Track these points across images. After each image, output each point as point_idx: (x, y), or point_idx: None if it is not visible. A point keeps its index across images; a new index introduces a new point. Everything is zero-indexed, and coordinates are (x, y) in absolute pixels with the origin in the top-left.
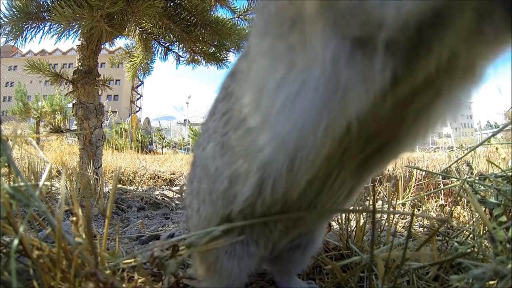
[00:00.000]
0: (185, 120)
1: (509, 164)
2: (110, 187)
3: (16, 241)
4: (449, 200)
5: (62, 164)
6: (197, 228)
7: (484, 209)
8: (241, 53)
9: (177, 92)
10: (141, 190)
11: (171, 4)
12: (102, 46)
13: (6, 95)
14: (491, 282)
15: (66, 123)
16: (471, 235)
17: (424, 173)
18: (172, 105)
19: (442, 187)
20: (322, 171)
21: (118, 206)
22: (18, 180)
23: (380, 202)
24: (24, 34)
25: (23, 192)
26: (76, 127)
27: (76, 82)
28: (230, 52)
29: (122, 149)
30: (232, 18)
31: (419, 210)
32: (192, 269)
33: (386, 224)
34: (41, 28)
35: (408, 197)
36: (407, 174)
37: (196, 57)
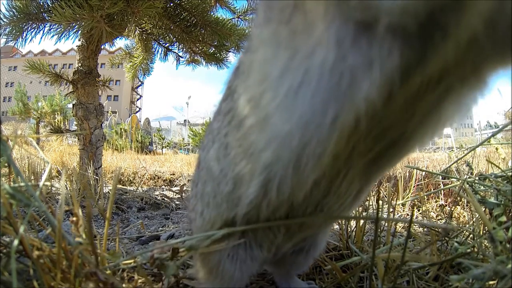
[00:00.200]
0: (185, 121)
1: (509, 164)
2: (110, 188)
3: (16, 241)
4: (449, 200)
5: (62, 165)
6: (200, 231)
7: (484, 209)
8: (243, 49)
9: (177, 93)
10: (141, 191)
11: (171, 5)
12: (102, 47)
13: (6, 96)
14: (491, 282)
15: (66, 124)
16: (471, 235)
17: (424, 173)
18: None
19: (442, 187)
20: (329, 170)
21: (118, 207)
22: (18, 180)
23: (380, 202)
24: (24, 35)
25: (23, 192)
26: (76, 128)
27: (76, 83)
28: (230, 53)
29: (122, 150)
30: (232, 19)
31: (419, 211)
32: (193, 271)
33: (386, 225)
34: (41, 29)
35: (408, 197)
36: (407, 174)
37: (196, 58)
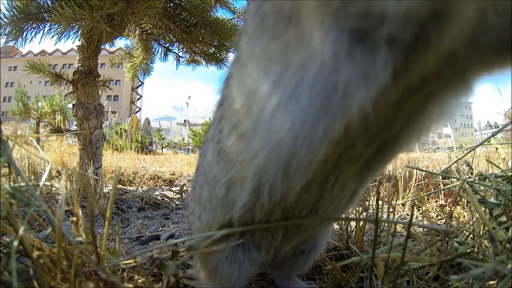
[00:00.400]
0: (185, 121)
1: (509, 164)
2: (110, 188)
3: (17, 241)
4: (449, 200)
5: (62, 165)
6: (199, 234)
7: (484, 209)
8: (234, 58)
9: (177, 93)
10: (141, 191)
11: (171, 5)
12: (102, 47)
13: (6, 96)
14: (491, 282)
15: (66, 124)
16: (471, 235)
17: (424, 173)
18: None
19: (442, 187)
20: (319, 176)
21: (118, 207)
22: (19, 180)
23: (380, 202)
24: (24, 35)
25: (24, 192)
26: (76, 128)
27: (76, 83)
28: (230, 53)
29: (122, 150)
30: (232, 19)
31: (419, 211)
32: (194, 272)
33: (386, 225)
34: (41, 29)
35: (408, 197)
36: (407, 174)
37: (196, 58)
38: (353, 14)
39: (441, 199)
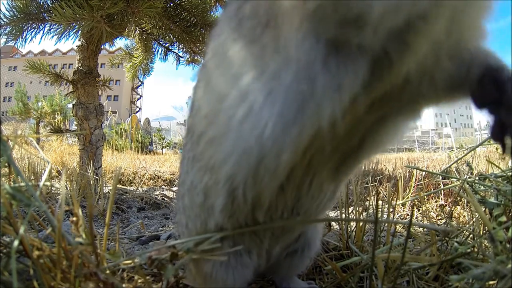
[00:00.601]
0: (185, 121)
1: (509, 164)
2: (110, 188)
3: (17, 241)
4: (449, 200)
5: (62, 165)
6: None
7: (484, 209)
8: (203, 63)
9: (177, 93)
10: (141, 191)
11: (171, 5)
12: (102, 47)
13: (6, 96)
14: (491, 282)
15: (66, 124)
16: (471, 235)
17: (424, 173)
18: (172, 106)
19: (442, 187)
20: (293, 179)
21: (118, 207)
22: (19, 180)
23: (380, 202)
24: (24, 35)
25: (24, 192)
26: (76, 128)
27: (76, 83)
28: None
29: (122, 150)
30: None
31: (419, 211)
32: (190, 278)
33: (386, 224)
34: (41, 29)
35: (408, 197)
36: (407, 174)
37: (196, 58)
38: (331, 19)
39: (441, 199)
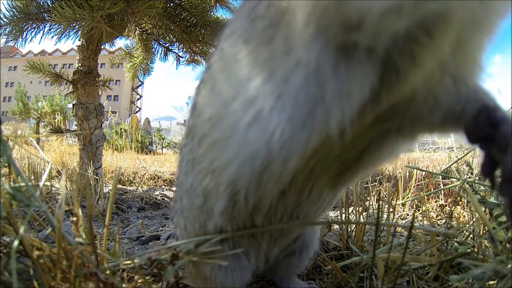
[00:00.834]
0: (185, 121)
1: None
2: (110, 188)
3: (17, 241)
4: (449, 200)
5: (62, 165)
6: None
7: (484, 209)
8: (207, 64)
9: (177, 93)
10: (141, 191)
11: (171, 5)
12: (102, 47)
13: (6, 96)
14: (491, 282)
15: (66, 124)
16: (471, 235)
17: (424, 173)
18: (172, 106)
19: (442, 187)
20: (294, 185)
21: (118, 207)
22: (19, 180)
23: (380, 202)
24: (24, 35)
25: (24, 192)
26: (76, 128)
27: (76, 83)
28: None
29: (122, 150)
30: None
31: (419, 211)
32: (190, 280)
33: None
34: (41, 29)
35: (408, 197)
36: (407, 174)
37: (196, 58)
38: (335, 20)
39: (441, 199)
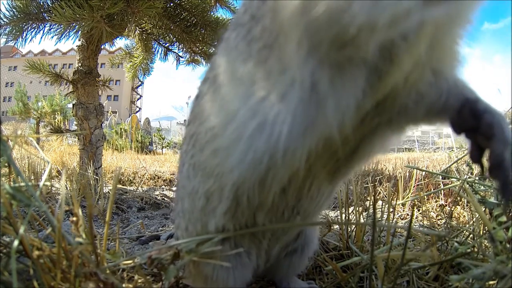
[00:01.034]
0: (185, 121)
1: None
2: (110, 188)
3: (17, 241)
4: (449, 200)
5: (62, 165)
6: None
7: (484, 209)
8: (204, 76)
9: (177, 93)
10: (141, 191)
11: (171, 5)
12: (102, 47)
13: (6, 96)
14: (491, 282)
15: (66, 124)
16: (471, 235)
17: (424, 173)
18: (172, 106)
19: (442, 187)
20: (294, 182)
21: (118, 207)
22: (19, 180)
23: (380, 202)
24: (24, 35)
25: (24, 192)
26: (76, 128)
27: (76, 83)
28: None
29: (122, 150)
30: (232, 19)
31: (419, 211)
32: (191, 279)
33: (386, 224)
34: (41, 29)
35: (408, 197)
36: (407, 174)
37: (196, 58)
38: (328, 35)
39: (441, 199)
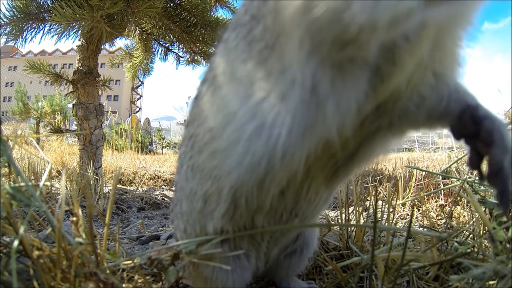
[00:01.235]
0: (185, 121)
1: None
2: (110, 188)
3: (17, 241)
4: (449, 200)
5: (62, 165)
6: None
7: (484, 209)
8: (203, 77)
9: (177, 93)
10: (141, 191)
11: (171, 5)
12: (102, 47)
13: (6, 96)
14: (491, 282)
15: (66, 124)
16: (471, 235)
17: (424, 173)
18: (172, 106)
19: (442, 187)
20: (292, 185)
21: (118, 207)
22: (19, 180)
23: (380, 202)
24: (24, 35)
25: (24, 192)
26: (76, 128)
27: (76, 83)
28: None
29: (122, 150)
30: (232, 19)
31: (419, 211)
32: (190, 281)
33: (387, 225)
34: (41, 29)
35: (408, 197)
36: (407, 174)
37: (196, 58)
38: (329, 34)
39: (441, 199)
